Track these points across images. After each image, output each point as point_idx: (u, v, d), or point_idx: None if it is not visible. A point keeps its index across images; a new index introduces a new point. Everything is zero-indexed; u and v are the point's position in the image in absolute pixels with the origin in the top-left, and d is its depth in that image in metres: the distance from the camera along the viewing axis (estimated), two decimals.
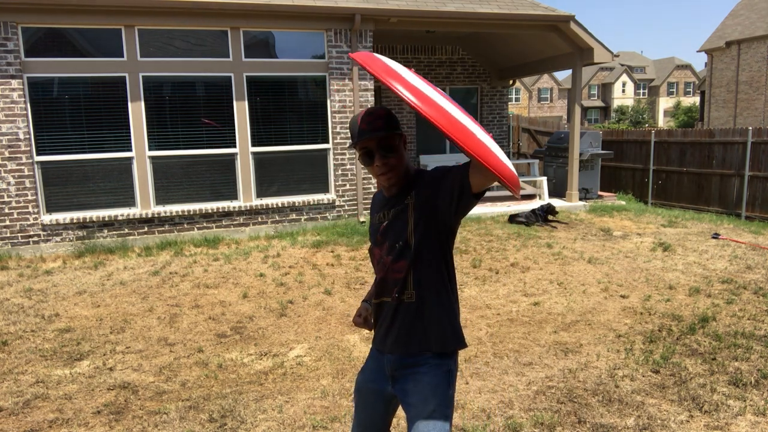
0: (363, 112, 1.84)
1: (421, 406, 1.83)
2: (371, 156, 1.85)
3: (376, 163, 1.85)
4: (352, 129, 1.87)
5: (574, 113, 10.38)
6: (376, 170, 1.87)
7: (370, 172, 1.90)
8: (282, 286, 5.89)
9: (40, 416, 3.37)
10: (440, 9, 8.64)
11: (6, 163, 7.14)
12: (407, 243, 1.89)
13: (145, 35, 7.60)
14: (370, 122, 1.83)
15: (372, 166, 1.87)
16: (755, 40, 25.16)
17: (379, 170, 1.86)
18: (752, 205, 10.40)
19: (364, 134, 1.82)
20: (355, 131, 1.86)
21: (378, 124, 1.82)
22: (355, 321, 2.12)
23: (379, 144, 1.83)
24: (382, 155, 1.84)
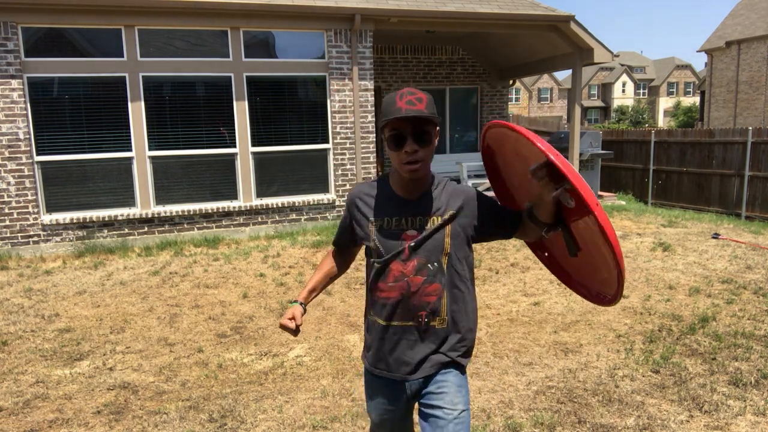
0: (403, 90, 1.65)
1: (450, 409, 1.74)
2: (402, 140, 1.64)
3: (406, 148, 1.64)
4: (387, 106, 1.65)
5: (574, 113, 10.37)
6: (403, 157, 1.65)
7: (392, 160, 1.70)
8: (282, 286, 5.89)
9: (40, 416, 3.37)
10: (440, 9, 8.64)
11: (6, 163, 7.14)
12: (441, 265, 1.74)
13: (145, 35, 7.60)
14: (411, 101, 1.62)
15: (399, 152, 1.65)
16: (755, 40, 25.16)
17: (408, 157, 1.65)
18: (752, 205, 10.40)
19: (400, 113, 1.61)
20: (390, 108, 1.64)
21: (419, 105, 1.63)
22: (284, 324, 1.88)
23: (414, 128, 1.64)
24: (415, 140, 1.64)
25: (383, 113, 1.67)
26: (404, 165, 1.66)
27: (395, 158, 1.68)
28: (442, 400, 1.75)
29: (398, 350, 1.77)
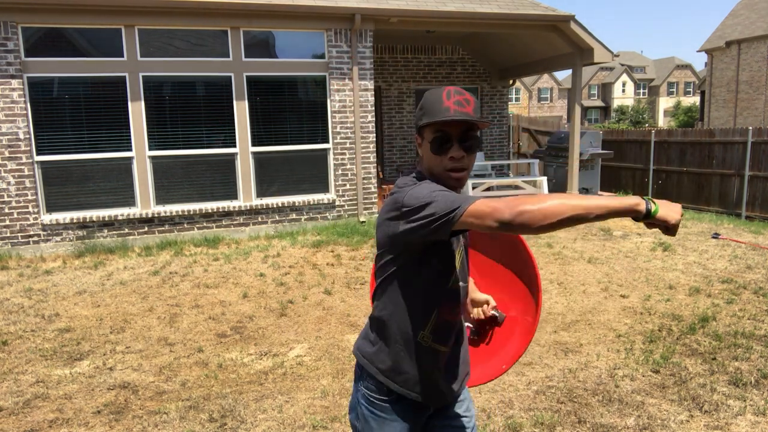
0: (450, 88, 1.51)
1: (468, 417, 1.73)
2: (448, 144, 1.50)
3: (452, 153, 1.50)
4: (432, 104, 1.51)
5: (574, 113, 10.37)
6: (447, 164, 1.51)
7: (431, 164, 1.53)
8: (282, 285, 5.89)
9: (40, 416, 3.37)
10: (440, 9, 8.64)
11: (6, 163, 7.14)
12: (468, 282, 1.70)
13: (145, 35, 7.60)
14: (460, 102, 1.49)
15: (443, 157, 1.51)
16: (755, 39, 25.16)
17: (455, 163, 1.51)
18: (752, 205, 10.40)
19: (448, 113, 1.47)
20: (435, 107, 1.50)
21: (468, 108, 1.50)
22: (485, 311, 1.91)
23: (464, 132, 1.50)
24: (461, 145, 1.50)
25: (425, 111, 1.52)
26: (450, 172, 1.52)
27: (436, 163, 1.53)
28: (461, 409, 1.72)
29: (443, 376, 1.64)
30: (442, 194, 1.40)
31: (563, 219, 1.24)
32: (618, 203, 1.28)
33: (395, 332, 1.58)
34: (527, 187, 11.01)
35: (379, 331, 1.63)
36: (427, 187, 1.45)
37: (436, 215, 1.37)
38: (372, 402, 1.62)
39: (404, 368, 1.59)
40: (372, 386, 1.63)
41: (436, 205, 1.38)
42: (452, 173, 1.51)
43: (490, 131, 13.29)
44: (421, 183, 1.48)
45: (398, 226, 1.47)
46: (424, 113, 1.53)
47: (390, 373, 1.60)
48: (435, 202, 1.38)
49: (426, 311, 1.56)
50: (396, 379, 1.60)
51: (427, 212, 1.38)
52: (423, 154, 1.56)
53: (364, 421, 1.64)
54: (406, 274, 1.55)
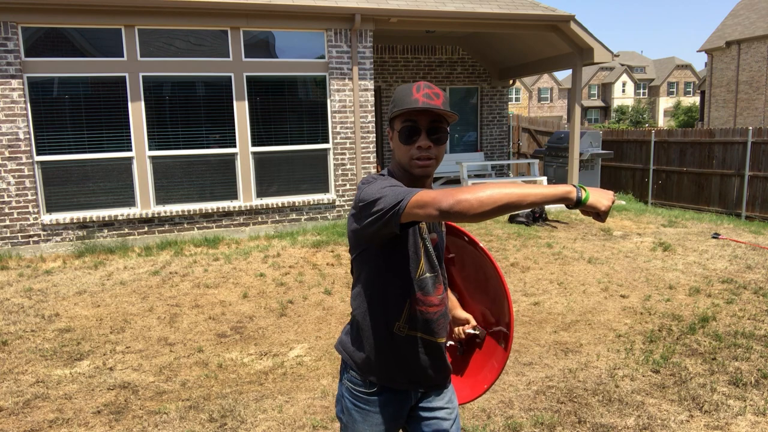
0: (420, 83, 1.58)
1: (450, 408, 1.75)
2: (416, 133, 1.56)
3: (419, 142, 1.56)
4: (402, 96, 1.57)
5: (574, 113, 10.37)
6: (414, 153, 1.57)
7: (399, 155, 1.61)
8: (282, 286, 5.89)
9: (40, 416, 3.37)
10: (440, 9, 8.64)
11: (6, 163, 7.14)
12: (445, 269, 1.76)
13: (145, 35, 7.60)
14: (429, 95, 1.55)
15: (410, 146, 1.57)
16: (755, 39, 25.15)
17: (421, 153, 1.56)
18: (752, 205, 10.40)
19: (416, 104, 1.53)
20: (405, 99, 1.56)
21: (436, 101, 1.55)
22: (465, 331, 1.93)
23: (431, 122, 1.57)
24: (429, 136, 1.57)
25: (395, 103, 1.59)
26: (414, 161, 1.58)
27: (404, 153, 1.59)
28: (443, 400, 1.75)
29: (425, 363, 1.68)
30: (392, 189, 1.46)
31: (499, 206, 1.29)
32: (551, 191, 1.34)
33: (371, 325, 1.63)
34: None
35: (357, 325, 1.68)
36: (381, 182, 1.51)
37: (384, 209, 1.43)
38: (355, 395, 1.67)
39: (383, 359, 1.64)
40: (354, 379, 1.67)
41: (385, 200, 1.44)
42: (417, 161, 1.57)
43: (490, 131, 13.29)
44: (379, 179, 1.54)
45: (358, 222, 1.54)
46: (394, 105, 1.59)
47: (370, 366, 1.65)
48: (384, 197, 1.45)
49: (398, 302, 1.61)
50: (376, 371, 1.64)
51: (378, 207, 1.45)
52: (393, 146, 1.64)
53: (348, 414, 1.68)
54: (373, 268, 1.61)
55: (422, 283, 1.62)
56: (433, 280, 1.65)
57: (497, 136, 13.39)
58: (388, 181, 1.51)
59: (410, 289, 1.61)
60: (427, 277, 1.63)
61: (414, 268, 1.61)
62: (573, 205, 1.37)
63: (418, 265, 1.61)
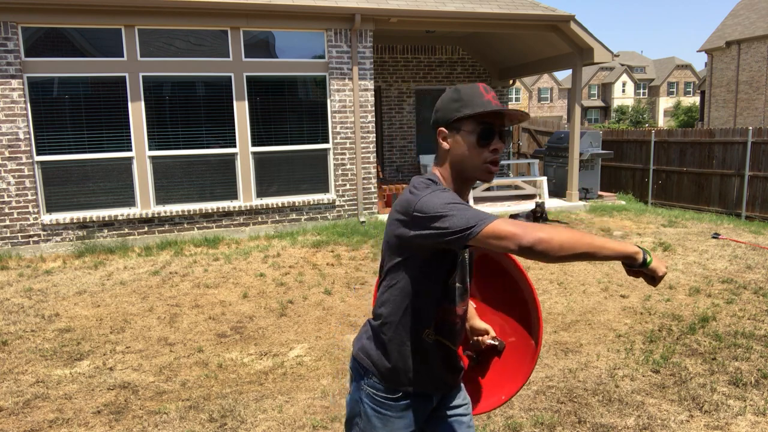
0: (478, 84, 1.55)
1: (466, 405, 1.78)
2: (491, 135, 1.51)
3: (495, 145, 1.52)
4: (470, 97, 1.51)
5: (574, 113, 10.37)
6: (487, 156, 1.52)
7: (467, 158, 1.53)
8: (282, 286, 5.89)
9: (40, 416, 3.37)
10: (440, 9, 8.64)
11: (6, 163, 7.14)
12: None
13: (145, 35, 7.60)
14: (496, 98, 1.55)
15: (483, 149, 1.51)
16: (755, 39, 25.15)
17: (493, 156, 1.52)
18: (752, 205, 10.40)
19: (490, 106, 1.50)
20: (475, 100, 1.51)
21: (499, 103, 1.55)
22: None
23: (502, 126, 1.54)
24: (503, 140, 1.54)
25: (465, 103, 1.51)
26: (486, 164, 1.52)
27: (475, 156, 1.52)
28: (459, 398, 1.76)
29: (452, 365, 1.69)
30: (459, 208, 1.40)
31: (576, 254, 1.32)
32: (622, 248, 1.39)
33: (403, 331, 1.60)
34: (527, 186, 11.01)
35: (383, 329, 1.63)
36: (442, 195, 1.44)
37: (451, 230, 1.39)
38: (377, 401, 1.63)
39: (412, 365, 1.61)
40: (377, 384, 1.63)
41: (452, 220, 1.38)
42: (489, 165, 1.52)
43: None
44: (437, 190, 1.46)
45: (408, 230, 1.48)
46: (462, 105, 1.51)
47: (397, 372, 1.61)
48: (452, 216, 1.39)
49: (430, 310, 1.59)
50: (402, 377, 1.61)
51: (442, 224, 1.40)
52: (454, 150, 1.54)
53: (367, 419, 1.64)
54: (413, 276, 1.56)
55: (454, 292, 1.61)
56: (462, 291, 1.64)
57: None
58: (449, 195, 1.45)
59: (443, 297, 1.60)
60: (458, 287, 1.62)
61: (448, 276, 1.60)
62: (637, 265, 1.40)
63: (453, 274, 1.60)
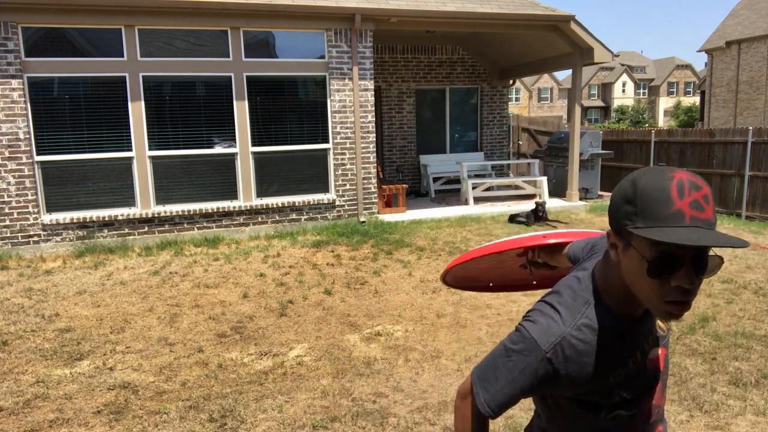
0: (680, 175, 1.00)
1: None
2: (672, 266, 0.99)
3: (679, 280, 0.99)
4: (653, 199, 0.99)
5: (574, 113, 10.37)
6: (670, 292, 1.00)
7: (640, 287, 1.05)
8: (282, 285, 5.89)
9: (40, 416, 3.37)
10: (440, 9, 8.64)
11: (6, 163, 7.14)
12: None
13: (145, 35, 7.60)
14: (699, 203, 0.98)
15: (664, 282, 1.00)
16: (755, 39, 25.15)
17: (679, 296, 1.00)
18: (752, 205, 10.39)
19: (682, 223, 0.97)
20: (659, 208, 0.99)
21: (709, 210, 0.99)
22: None
23: (703, 252, 0.99)
24: (696, 269, 0.99)
25: (641, 210, 1.00)
26: (666, 304, 1.01)
27: (649, 289, 1.02)
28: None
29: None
30: (505, 364, 1.16)
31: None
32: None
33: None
34: (527, 186, 11.01)
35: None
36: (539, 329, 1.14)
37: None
38: None
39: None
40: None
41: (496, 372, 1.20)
42: (671, 306, 1.01)
43: (490, 131, 13.29)
44: (554, 327, 1.12)
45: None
46: (636, 212, 1.01)
47: None
48: (495, 360, 1.21)
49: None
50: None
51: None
52: (624, 267, 1.08)
53: None
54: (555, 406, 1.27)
55: (609, 424, 1.30)
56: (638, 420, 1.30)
57: (497, 136, 13.39)
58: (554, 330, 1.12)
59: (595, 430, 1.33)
60: (620, 415, 1.26)
61: (596, 411, 1.30)
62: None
63: (601, 408, 1.29)
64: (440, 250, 7.18)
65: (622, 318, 1.14)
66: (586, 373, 1.12)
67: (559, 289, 1.19)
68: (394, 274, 6.28)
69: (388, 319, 4.93)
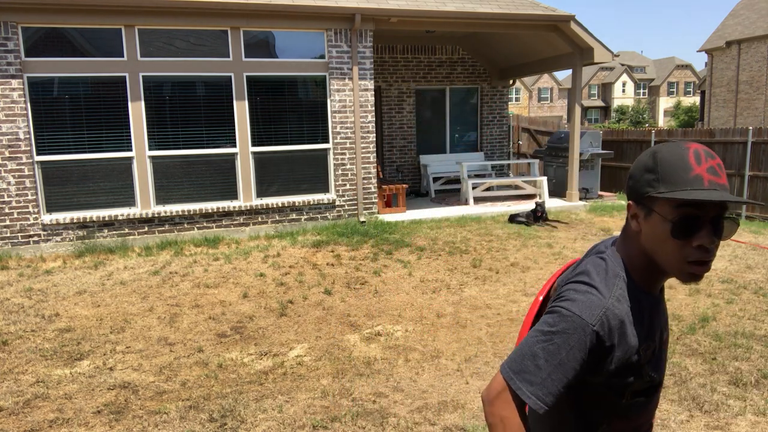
0: (697, 147, 1.11)
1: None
2: (694, 227, 1.08)
3: (701, 239, 1.07)
4: (674, 167, 1.09)
5: (574, 113, 10.37)
6: (692, 252, 1.08)
7: (661, 250, 1.12)
8: (282, 285, 5.89)
9: (40, 416, 3.37)
10: (440, 9, 8.64)
11: (6, 163, 7.14)
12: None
13: (145, 35, 7.60)
14: (714, 169, 1.09)
15: (686, 243, 1.08)
16: (755, 39, 25.15)
17: (702, 254, 1.08)
18: (752, 205, 10.40)
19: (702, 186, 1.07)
20: (680, 174, 1.09)
21: (723, 176, 1.10)
22: None
23: (719, 212, 1.08)
24: (715, 231, 1.08)
25: (662, 176, 1.10)
26: (689, 264, 1.09)
27: (672, 250, 1.10)
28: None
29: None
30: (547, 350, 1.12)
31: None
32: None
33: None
34: (527, 186, 11.01)
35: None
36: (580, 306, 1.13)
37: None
38: None
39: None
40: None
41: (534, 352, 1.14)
42: (694, 267, 1.09)
43: (490, 131, 13.29)
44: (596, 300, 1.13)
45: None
46: (658, 179, 1.11)
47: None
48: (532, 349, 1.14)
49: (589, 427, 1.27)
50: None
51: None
52: (646, 233, 1.15)
53: None
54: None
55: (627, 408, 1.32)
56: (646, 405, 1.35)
57: (497, 136, 13.39)
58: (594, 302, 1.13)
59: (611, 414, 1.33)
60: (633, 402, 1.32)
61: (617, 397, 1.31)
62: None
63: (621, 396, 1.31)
64: (440, 250, 7.18)
65: (646, 294, 1.20)
66: (628, 345, 1.15)
67: (586, 269, 1.20)
68: (394, 274, 6.28)
69: (388, 319, 4.93)
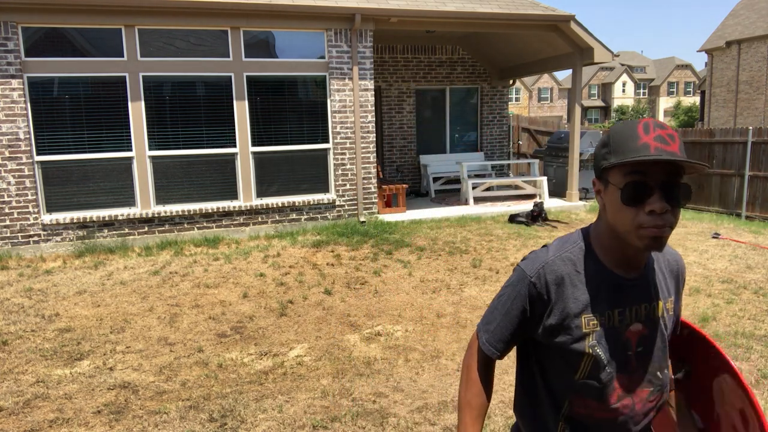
0: (647, 120, 1.16)
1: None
2: (646, 192, 1.12)
3: (651, 205, 1.11)
4: (622, 138, 1.16)
5: (574, 113, 10.37)
6: (643, 219, 1.12)
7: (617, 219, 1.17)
8: (282, 285, 5.89)
9: (40, 416, 3.37)
10: (440, 9, 8.64)
11: (6, 163, 7.14)
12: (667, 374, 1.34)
13: (145, 35, 7.60)
14: (662, 138, 1.13)
15: (638, 209, 1.13)
16: (755, 39, 25.15)
17: (654, 219, 1.12)
18: (752, 205, 10.39)
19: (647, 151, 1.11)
20: (626, 143, 1.14)
21: (674, 145, 1.13)
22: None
23: (667, 178, 1.12)
24: (667, 197, 1.12)
25: (612, 149, 1.17)
26: (641, 230, 1.13)
27: (625, 218, 1.15)
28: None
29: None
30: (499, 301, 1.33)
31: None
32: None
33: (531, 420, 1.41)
34: (527, 186, 11.01)
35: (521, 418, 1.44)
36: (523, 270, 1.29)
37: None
38: None
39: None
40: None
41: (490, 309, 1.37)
42: (648, 230, 1.12)
43: (490, 131, 13.29)
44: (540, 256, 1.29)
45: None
46: (610, 151, 1.18)
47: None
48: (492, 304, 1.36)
49: (555, 402, 1.33)
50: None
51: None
52: (606, 205, 1.21)
53: None
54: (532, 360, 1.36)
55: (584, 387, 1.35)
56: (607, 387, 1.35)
57: (497, 136, 13.39)
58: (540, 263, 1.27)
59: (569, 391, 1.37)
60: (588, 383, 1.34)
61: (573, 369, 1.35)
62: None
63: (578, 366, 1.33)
64: (440, 250, 7.18)
65: (608, 270, 1.25)
66: (566, 306, 1.24)
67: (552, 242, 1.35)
68: (394, 274, 6.28)
69: (388, 319, 4.93)
